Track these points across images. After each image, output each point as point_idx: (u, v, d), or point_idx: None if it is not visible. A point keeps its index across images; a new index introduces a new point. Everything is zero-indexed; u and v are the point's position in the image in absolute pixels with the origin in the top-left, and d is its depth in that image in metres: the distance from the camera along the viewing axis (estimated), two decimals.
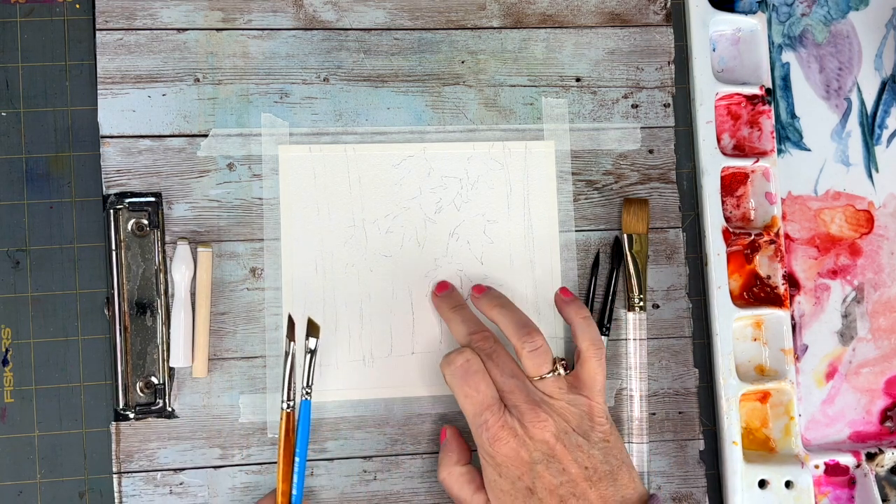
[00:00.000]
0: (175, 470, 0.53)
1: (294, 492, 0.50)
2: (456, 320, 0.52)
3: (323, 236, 0.55)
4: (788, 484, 0.57)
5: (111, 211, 0.53)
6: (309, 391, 0.51)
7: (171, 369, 0.53)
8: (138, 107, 0.54)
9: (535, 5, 0.59)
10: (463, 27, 0.58)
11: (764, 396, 0.59)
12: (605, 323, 0.56)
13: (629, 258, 0.57)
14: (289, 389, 0.51)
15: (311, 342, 0.51)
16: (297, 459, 0.50)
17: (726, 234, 0.58)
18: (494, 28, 0.58)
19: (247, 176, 0.55)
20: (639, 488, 0.49)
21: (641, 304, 0.56)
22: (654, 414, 0.57)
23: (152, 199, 0.54)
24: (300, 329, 0.52)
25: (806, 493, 0.57)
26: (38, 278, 0.53)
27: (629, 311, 0.57)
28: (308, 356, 0.51)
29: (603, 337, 0.56)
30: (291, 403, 0.51)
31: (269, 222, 0.55)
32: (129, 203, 0.53)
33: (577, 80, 0.59)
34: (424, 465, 0.55)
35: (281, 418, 0.51)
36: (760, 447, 0.58)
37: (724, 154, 0.59)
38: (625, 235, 0.57)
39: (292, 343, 0.50)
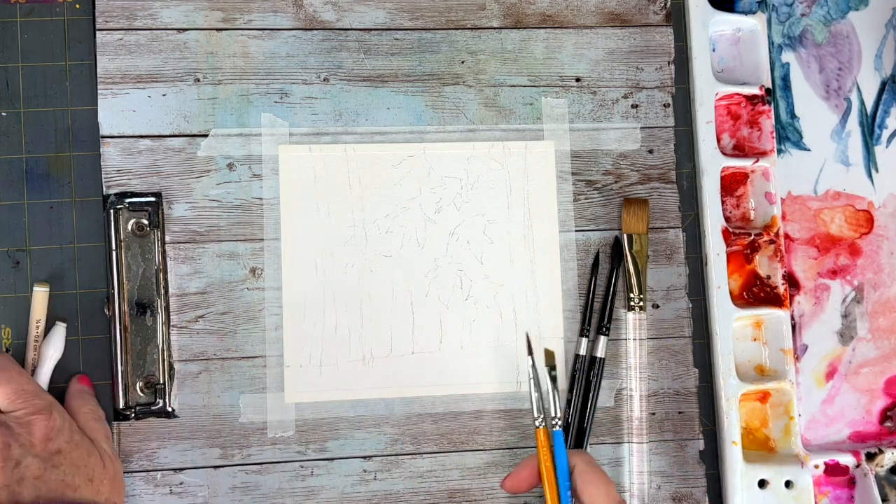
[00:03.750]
0: (175, 470, 0.53)
1: None
2: None
3: (323, 236, 0.55)
4: (788, 484, 0.57)
5: (111, 211, 0.53)
6: (557, 422, 0.50)
7: (171, 369, 0.53)
8: (138, 107, 0.54)
9: (535, 5, 0.59)
10: (463, 27, 0.58)
11: (764, 396, 0.59)
12: (604, 323, 0.56)
13: (629, 258, 0.57)
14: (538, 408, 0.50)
15: (551, 371, 0.51)
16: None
17: (726, 234, 0.58)
18: (494, 28, 0.58)
19: (247, 176, 0.55)
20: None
21: (641, 304, 0.56)
22: (653, 414, 0.57)
23: (152, 199, 0.54)
24: (537, 351, 0.52)
25: (806, 493, 0.57)
26: (38, 278, 0.53)
27: (629, 311, 0.57)
28: (551, 384, 0.51)
29: (603, 337, 0.56)
30: (542, 420, 0.50)
31: (269, 222, 0.55)
32: (129, 203, 0.53)
33: (577, 80, 0.59)
34: (424, 465, 0.55)
35: (538, 436, 0.50)
36: (760, 447, 0.58)
37: (724, 154, 0.59)
38: (625, 235, 0.57)
39: (530, 358, 0.51)
